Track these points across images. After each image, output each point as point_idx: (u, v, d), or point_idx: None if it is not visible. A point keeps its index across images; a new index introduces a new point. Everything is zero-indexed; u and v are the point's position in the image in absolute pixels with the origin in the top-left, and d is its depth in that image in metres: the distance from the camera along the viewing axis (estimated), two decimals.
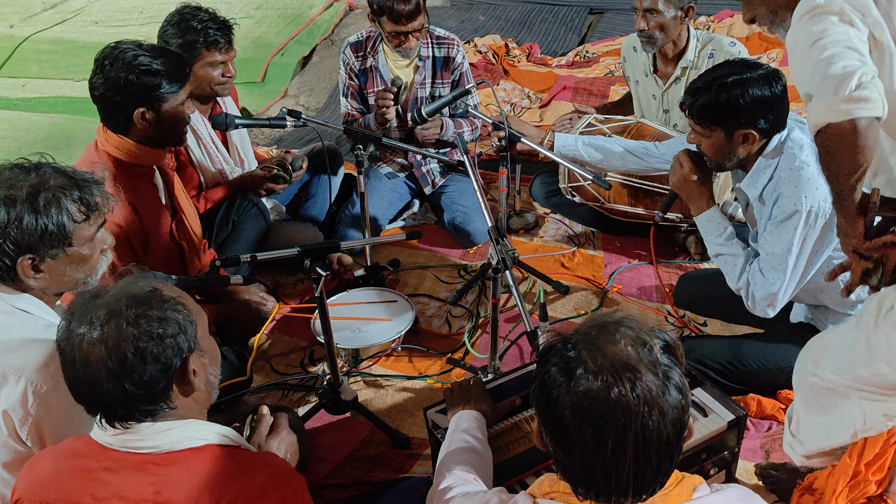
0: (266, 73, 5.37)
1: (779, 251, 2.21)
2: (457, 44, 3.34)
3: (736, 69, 2.18)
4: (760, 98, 2.13)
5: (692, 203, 2.44)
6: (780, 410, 2.44)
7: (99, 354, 1.34)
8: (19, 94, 5.30)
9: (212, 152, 2.98)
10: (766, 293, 2.28)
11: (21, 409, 1.63)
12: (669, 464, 1.18)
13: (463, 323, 2.98)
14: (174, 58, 2.35)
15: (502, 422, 2.02)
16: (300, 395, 2.67)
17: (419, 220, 3.65)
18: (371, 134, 2.88)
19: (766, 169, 2.23)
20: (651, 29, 3.04)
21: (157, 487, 1.35)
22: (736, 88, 2.13)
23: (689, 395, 1.20)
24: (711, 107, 2.17)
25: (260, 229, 3.06)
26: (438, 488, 1.59)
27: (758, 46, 5.00)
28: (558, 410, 1.17)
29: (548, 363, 1.21)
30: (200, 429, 1.42)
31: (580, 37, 5.72)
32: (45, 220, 1.67)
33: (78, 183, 1.75)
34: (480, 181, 2.49)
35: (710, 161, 2.33)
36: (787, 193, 2.17)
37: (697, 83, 2.22)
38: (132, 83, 2.25)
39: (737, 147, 2.23)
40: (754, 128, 2.18)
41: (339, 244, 2.32)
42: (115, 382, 1.34)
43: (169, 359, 1.38)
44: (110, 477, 1.37)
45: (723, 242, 2.38)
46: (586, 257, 3.32)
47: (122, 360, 1.33)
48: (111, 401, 1.36)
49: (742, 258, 2.35)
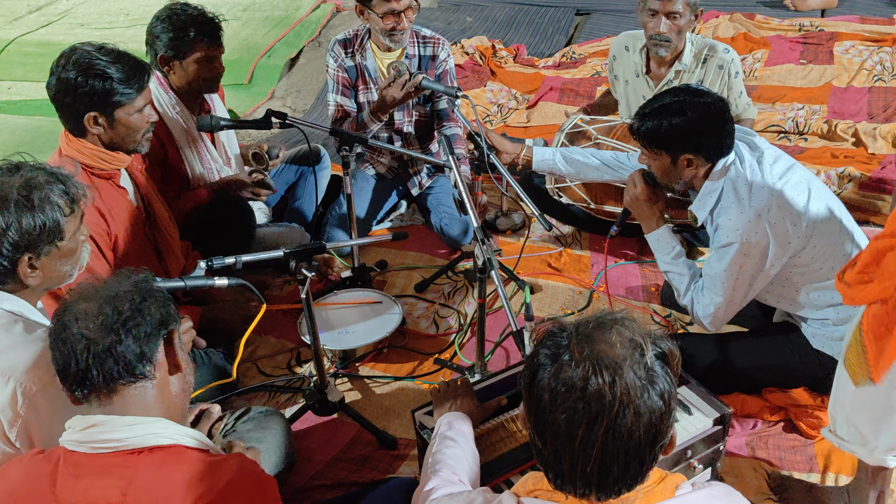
0: (253, 75, 5.36)
1: (714, 274, 2.30)
2: (443, 43, 3.34)
3: (681, 96, 2.23)
4: (702, 125, 2.19)
5: (643, 221, 2.50)
6: (765, 409, 2.45)
7: (98, 310, 1.41)
8: (4, 96, 5.27)
9: (200, 151, 2.97)
10: (706, 312, 2.37)
11: (10, 410, 1.63)
12: (639, 467, 1.20)
13: (450, 323, 2.98)
14: (132, 63, 2.31)
15: (489, 421, 2.02)
16: (287, 397, 2.67)
17: (406, 221, 3.65)
18: (357, 135, 2.88)
19: (713, 193, 2.28)
20: (671, 32, 3.03)
21: (123, 490, 1.36)
22: (678, 116, 2.19)
23: (673, 405, 1.21)
24: (655, 132, 2.23)
25: (246, 231, 3.05)
26: (424, 489, 1.60)
27: (743, 47, 5.02)
28: (538, 392, 1.20)
29: (542, 345, 1.24)
30: (168, 427, 1.43)
31: (567, 38, 5.74)
32: (42, 218, 1.71)
33: (59, 177, 1.78)
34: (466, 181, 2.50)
35: (660, 181, 2.40)
36: (723, 225, 2.24)
37: (645, 108, 2.28)
38: (81, 86, 2.23)
39: (682, 170, 2.29)
40: (697, 153, 2.23)
41: (325, 245, 2.32)
42: (117, 331, 1.40)
43: (165, 317, 1.47)
44: (76, 482, 1.38)
45: (670, 261, 2.47)
46: (573, 257, 3.33)
47: (121, 312, 1.41)
48: (105, 354, 1.39)
49: (688, 277, 2.43)
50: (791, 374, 2.43)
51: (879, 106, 4.30)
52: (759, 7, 5.74)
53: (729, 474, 2.27)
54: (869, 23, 5.25)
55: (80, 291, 1.46)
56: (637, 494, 1.22)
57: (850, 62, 4.74)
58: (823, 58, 4.84)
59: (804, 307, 2.37)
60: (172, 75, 2.83)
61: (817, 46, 4.97)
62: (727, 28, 5.32)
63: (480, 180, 2.92)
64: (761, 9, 5.68)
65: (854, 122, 4.10)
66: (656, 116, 2.22)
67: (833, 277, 2.24)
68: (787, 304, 2.41)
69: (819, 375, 2.40)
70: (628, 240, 3.36)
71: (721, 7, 5.62)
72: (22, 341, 1.68)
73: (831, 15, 5.53)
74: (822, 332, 2.36)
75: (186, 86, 2.86)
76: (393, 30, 3.11)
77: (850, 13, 5.52)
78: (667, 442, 1.22)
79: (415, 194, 3.58)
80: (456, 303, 3.09)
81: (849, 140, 3.98)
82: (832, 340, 2.34)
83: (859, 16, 5.42)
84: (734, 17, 5.41)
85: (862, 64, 4.70)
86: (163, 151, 2.88)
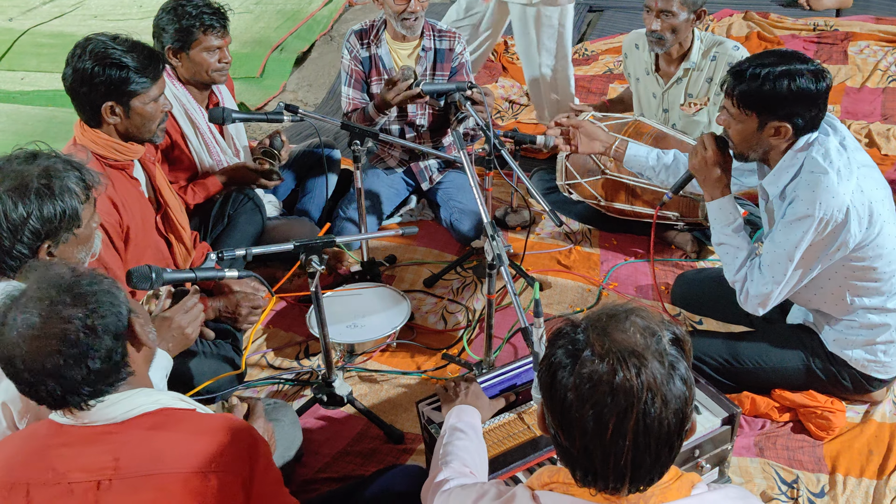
0: (265, 69, 5.36)
1: (782, 251, 2.18)
2: (458, 37, 3.34)
3: (786, 59, 2.11)
4: (803, 92, 2.08)
5: (707, 187, 2.37)
6: (774, 409, 2.44)
7: (53, 347, 1.32)
8: (18, 87, 5.29)
9: (209, 141, 2.98)
10: (759, 291, 2.26)
11: (20, 401, 1.64)
12: (669, 454, 1.19)
13: (459, 319, 2.98)
14: (147, 52, 2.32)
15: (496, 417, 2.03)
16: (295, 390, 2.68)
17: (416, 217, 3.65)
18: (368, 129, 2.88)
19: (790, 168, 2.18)
20: (663, 30, 3.02)
21: (115, 454, 1.37)
22: (783, 78, 2.07)
23: (693, 388, 1.20)
24: (754, 92, 2.11)
25: (256, 223, 3.05)
26: (435, 480, 1.59)
27: (757, 46, 5.00)
28: (562, 392, 1.18)
29: (555, 345, 1.22)
30: (151, 394, 1.44)
31: (580, 34, 5.72)
32: (62, 205, 1.73)
33: (74, 164, 1.79)
34: (477, 178, 2.49)
35: (735, 149, 2.28)
36: (803, 196, 2.12)
37: (743, 65, 2.15)
38: (97, 75, 2.23)
39: (766, 138, 2.18)
40: (789, 121, 2.13)
41: (335, 239, 2.32)
42: (79, 365, 1.34)
43: (117, 326, 1.39)
44: (68, 451, 1.39)
45: (729, 233, 2.34)
46: (583, 255, 3.32)
47: (76, 343, 1.33)
48: (78, 384, 1.35)
49: (745, 252, 2.32)
50: (801, 376, 2.42)
51: (894, 107, 4.27)
52: (773, 6, 5.70)
53: (737, 474, 2.26)
54: (884, 23, 5.21)
55: (7, 317, 1.34)
56: (654, 491, 1.21)
57: (865, 62, 4.71)
58: (837, 58, 4.81)
59: (840, 307, 2.31)
60: (180, 67, 2.85)
61: (831, 46, 4.94)
62: (741, 27, 5.29)
63: (491, 176, 2.91)
64: (775, 8, 5.65)
65: (868, 123, 4.08)
66: (758, 76, 2.09)
67: (883, 278, 2.22)
68: (823, 300, 2.32)
69: (830, 379, 2.39)
70: (638, 238, 3.35)
71: (735, 6, 5.59)
72: None
73: (846, 14, 5.49)
74: (846, 336, 2.33)
75: (194, 77, 2.87)
76: (404, 12, 3.12)
77: (866, 13, 5.48)
78: (689, 427, 1.21)
79: (425, 189, 3.57)
80: (465, 298, 3.09)
81: (862, 141, 3.96)
82: (854, 346, 2.32)
83: (874, 16, 5.38)
84: (748, 16, 5.38)
85: (876, 64, 4.67)
86: (171, 144, 2.89)
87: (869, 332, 2.31)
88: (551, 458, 1.91)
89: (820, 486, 2.24)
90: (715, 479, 2.10)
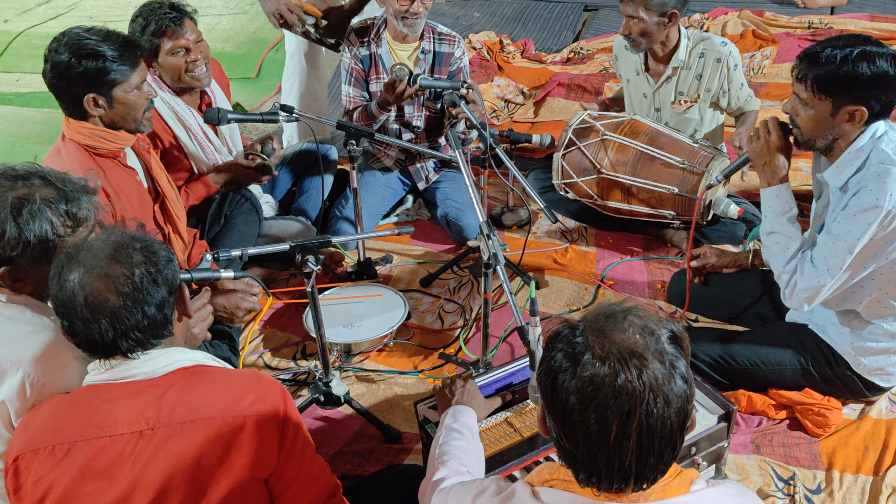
0: (261, 69, 5.36)
1: (842, 243, 2.10)
2: (458, 41, 3.35)
3: (861, 42, 2.05)
4: (881, 75, 2.02)
5: (766, 173, 2.31)
6: (771, 406, 2.45)
7: (119, 286, 1.42)
8: (13, 88, 5.30)
9: (203, 143, 2.97)
10: (810, 285, 2.18)
11: (18, 400, 1.63)
12: (672, 452, 1.19)
13: (455, 318, 2.98)
14: (122, 40, 2.29)
15: (493, 416, 2.03)
16: (292, 390, 2.68)
17: (413, 216, 3.65)
18: (364, 129, 2.88)
19: (855, 160, 2.14)
20: (634, 34, 3.04)
21: (157, 405, 1.44)
22: (861, 61, 2.01)
23: (693, 385, 1.20)
24: (831, 75, 2.05)
25: (252, 224, 3.05)
26: (432, 479, 1.59)
27: (752, 44, 5.01)
28: (563, 395, 1.17)
29: (554, 349, 1.21)
30: (187, 352, 1.54)
31: (575, 33, 5.73)
32: (27, 234, 1.65)
33: (67, 195, 1.71)
34: (473, 177, 2.50)
35: (803, 135, 2.21)
36: (871, 187, 2.07)
37: (817, 48, 2.09)
38: (74, 67, 2.21)
39: (839, 124, 2.12)
40: (865, 105, 2.06)
41: (332, 239, 2.32)
42: (137, 307, 1.43)
43: (171, 281, 1.50)
44: (110, 405, 1.45)
45: (784, 222, 2.29)
46: (579, 253, 3.33)
47: (139, 287, 1.44)
48: (130, 328, 1.43)
49: (797, 242, 2.26)
50: (797, 377, 2.41)
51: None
52: (768, 4, 5.71)
53: (733, 471, 2.27)
54: (879, 20, 5.22)
55: (77, 257, 1.45)
56: (654, 488, 1.21)
57: None
58: None
59: (874, 309, 2.26)
60: (161, 71, 2.84)
61: None
62: (735, 25, 5.30)
63: (487, 175, 2.92)
64: (770, 6, 5.66)
65: None
66: (834, 59, 2.03)
67: None
68: (859, 300, 2.26)
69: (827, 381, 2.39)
70: (633, 236, 3.36)
71: (730, 4, 5.60)
72: (31, 332, 1.68)
73: (841, 12, 5.50)
74: (865, 342, 2.30)
75: (176, 83, 2.85)
76: (406, 13, 3.12)
77: (860, 10, 5.49)
78: (689, 423, 1.21)
79: (421, 188, 3.58)
80: (461, 298, 3.09)
81: None
82: (870, 353, 2.31)
83: (869, 13, 5.39)
84: (743, 14, 5.39)
85: None
86: (167, 148, 2.88)
87: (890, 342, 2.29)
88: (547, 457, 1.92)
89: (816, 483, 2.25)
90: (712, 476, 2.11)
